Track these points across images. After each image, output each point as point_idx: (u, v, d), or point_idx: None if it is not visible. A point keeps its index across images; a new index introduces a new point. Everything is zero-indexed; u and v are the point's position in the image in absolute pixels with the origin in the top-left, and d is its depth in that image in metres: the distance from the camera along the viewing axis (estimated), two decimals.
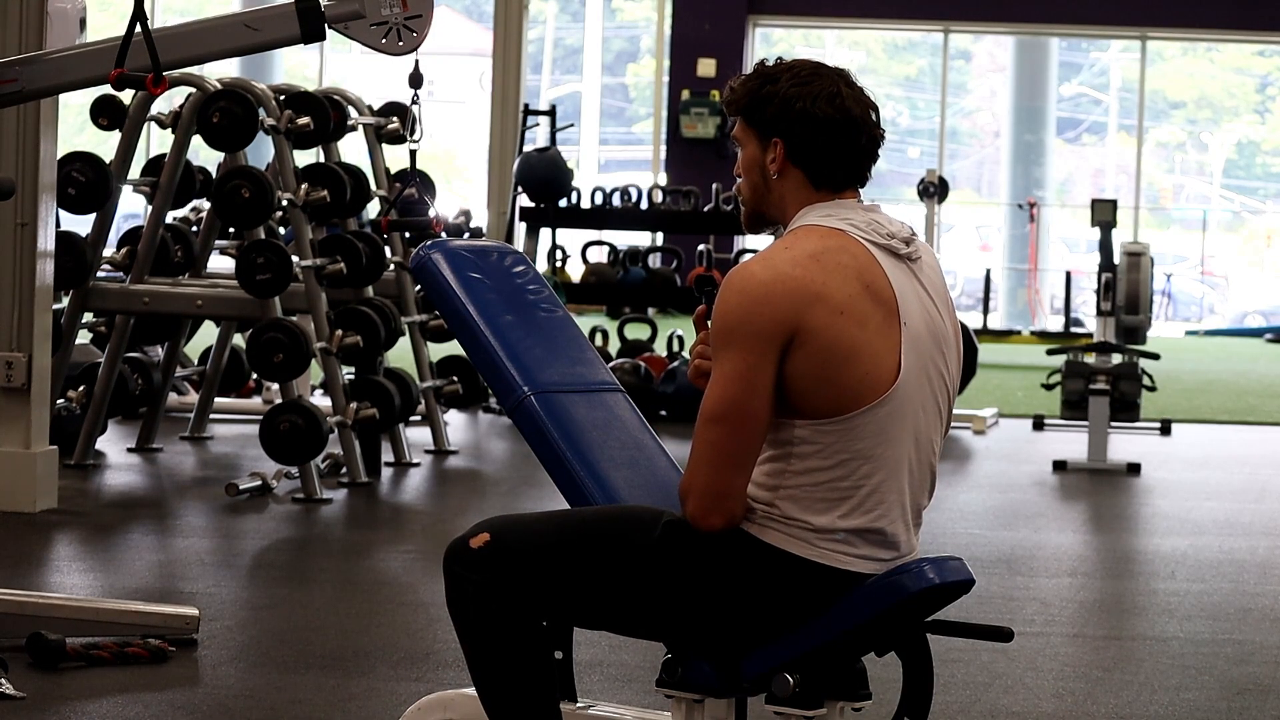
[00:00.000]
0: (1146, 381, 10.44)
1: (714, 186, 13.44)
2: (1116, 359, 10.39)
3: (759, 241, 14.24)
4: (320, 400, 10.00)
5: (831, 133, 3.41)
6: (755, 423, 3.32)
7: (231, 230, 9.45)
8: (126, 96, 8.80)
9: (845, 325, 3.32)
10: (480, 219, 14.18)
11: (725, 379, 3.32)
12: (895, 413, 3.35)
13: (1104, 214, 10.84)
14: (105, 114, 9.24)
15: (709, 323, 3.56)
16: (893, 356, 3.35)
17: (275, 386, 10.38)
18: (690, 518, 3.36)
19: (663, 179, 22.82)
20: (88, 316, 9.07)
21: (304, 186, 8.76)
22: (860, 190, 3.49)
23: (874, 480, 3.36)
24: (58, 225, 8.14)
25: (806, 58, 3.49)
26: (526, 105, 14.33)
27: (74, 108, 17.67)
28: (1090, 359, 10.41)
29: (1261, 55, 28.68)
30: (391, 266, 9.63)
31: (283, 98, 8.87)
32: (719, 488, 3.34)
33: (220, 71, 13.80)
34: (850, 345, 3.32)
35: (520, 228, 13.23)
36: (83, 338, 9.33)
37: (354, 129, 9.58)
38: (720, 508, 3.35)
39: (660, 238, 18.73)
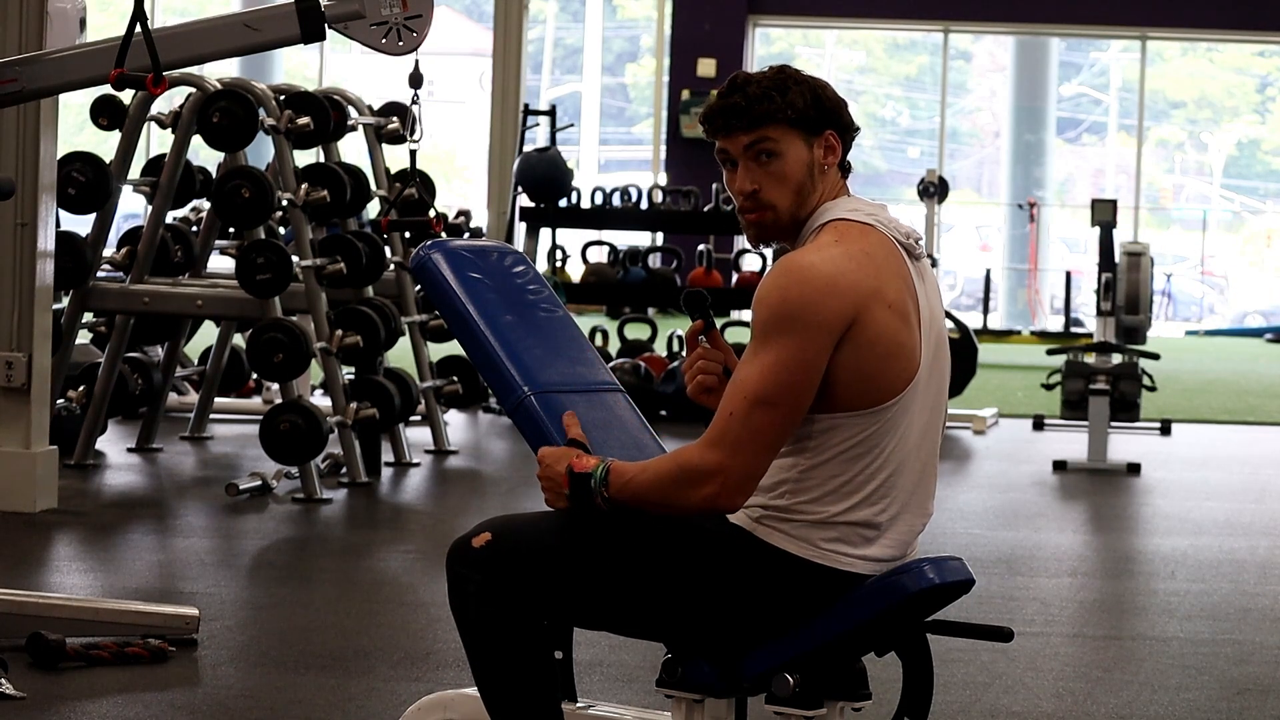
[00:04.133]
0: (1146, 381, 10.44)
1: (714, 186, 13.44)
2: (1116, 359, 10.39)
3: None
4: (320, 400, 10.00)
5: (849, 114, 3.48)
6: (801, 410, 3.32)
7: (231, 230, 9.45)
8: (126, 96, 8.80)
9: (894, 321, 3.34)
10: (480, 219, 14.18)
11: (781, 364, 3.30)
12: (908, 407, 3.37)
13: (1104, 214, 10.84)
14: (105, 114, 9.24)
15: (705, 334, 3.56)
16: (918, 353, 3.38)
17: (275, 386, 10.38)
18: (712, 499, 3.33)
19: (663, 179, 22.82)
20: (88, 316, 9.08)
21: (304, 186, 8.76)
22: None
23: (884, 474, 3.37)
24: (58, 225, 8.14)
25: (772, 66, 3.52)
26: (526, 105, 14.33)
27: (74, 108, 17.67)
28: (1090, 359, 10.41)
29: (1261, 55, 28.69)
30: (391, 266, 9.63)
31: (283, 98, 8.88)
32: (754, 470, 3.33)
33: (220, 71, 13.81)
34: (894, 340, 3.34)
35: (520, 228, 13.23)
36: (83, 338, 9.33)
37: (354, 129, 9.59)
38: (747, 489, 3.34)
39: (660, 238, 18.74)
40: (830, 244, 3.37)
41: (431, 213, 9.33)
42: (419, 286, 7.73)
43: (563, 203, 13.04)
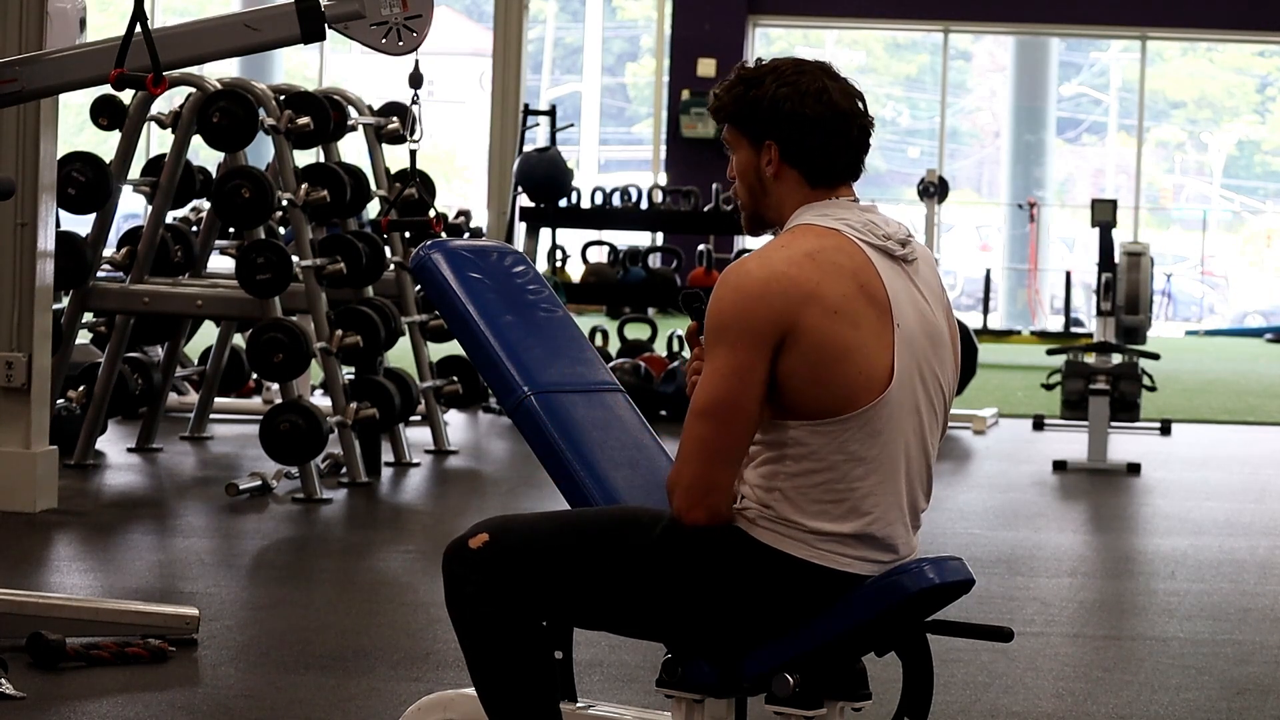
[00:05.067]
0: (1146, 381, 10.44)
1: (714, 186, 13.44)
2: (1116, 359, 10.39)
3: (759, 241, 14.24)
4: (320, 400, 10.00)
5: (823, 129, 3.41)
6: (744, 419, 3.32)
7: (231, 230, 9.45)
8: (126, 96, 8.80)
9: (838, 325, 3.32)
10: (480, 219, 14.18)
11: (717, 375, 3.32)
12: (889, 415, 3.35)
13: (1104, 214, 10.84)
14: (105, 114, 9.24)
15: (702, 333, 3.56)
16: (886, 357, 3.35)
17: (275, 386, 10.38)
18: (676, 511, 3.37)
19: (663, 179, 22.81)
20: (88, 316, 9.07)
21: (304, 186, 8.76)
22: (854, 184, 3.48)
23: (868, 483, 3.36)
24: (58, 225, 8.14)
25: (787, 56, 3.49)
26: (526, 105, 14.34)
27: (74, 108, 17.67)
28: (1090, 359, 10.41)
29: (1261, 55, 28.69)
30: (391, 266, 9.63)
31: (283, 98, 8.87)
32: (705, 482, 3.34)
33: (220, 71, 13.80)
34: (843, 345, 3.32)
35: (520, 228, 13.23)
36: (83, 338, 9.33)
37: (354, 129, 9.59)
38: (704, 503, 3.35)
39: (660, 238, 18.73)
40: (777, 248, 3.37)
41: (431, 213, 9.33)
42: (419, 286, 7.72)
43: (563, 203, 13.04)
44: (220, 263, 9.94)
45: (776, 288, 3.31)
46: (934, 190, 13.91)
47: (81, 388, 9.05)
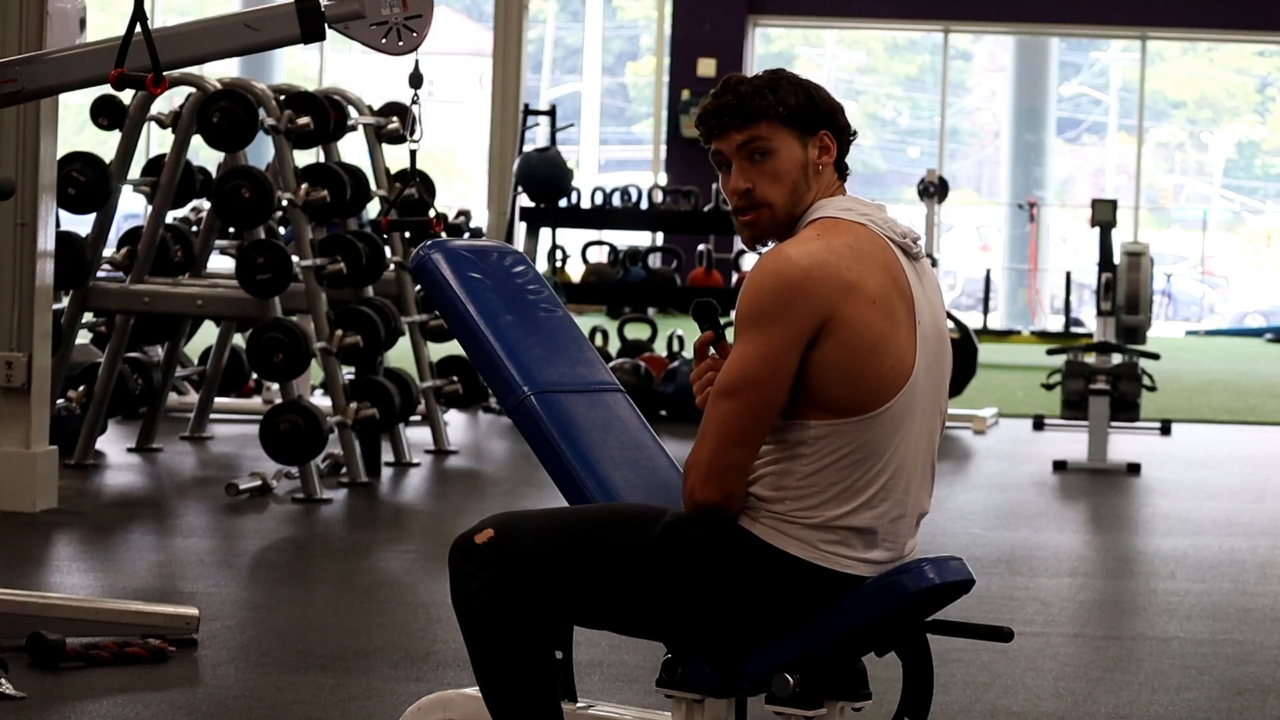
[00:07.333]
0: (1146, 381, 10.44)
1: (714, 186, 13.42)
2: (1116, 359, 10.39)
3: None
4: (320, 400, 10.00)
5: (845, 117, 3.48)
6: (769, 403, 3.32)
7: (231, 230, 9.45)
8: (126, 96, 8.80)
9: (876, 317, 3.33)
10: (480, 219, 14.18)
11: (748, 356, 3.31)
12: (907, 410, 3.37)
13: (1104, 214, 10.84)
14: (105, 114, 9.24)
15: (714, 344, 3.54)
16: (911, 353, 3.37)
17: (275, 386, 10.38)
18: (688, 491, 3.36)
19: (663, 179, 22.81)
20: (88, 316, 9.07)
21: (304, 186, 8.76)
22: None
23: (883, 478, 3.37)
24: (58, 225, 8.14)
25: (763, 71, 3.51)
26: (526, 105, 14.33)
27: (74, 108, 17.67)
28: (1090, 359, 10.41)
29: (1261, 55, 28.69)
30: (391, 266, 9.63)
31: (283, 98, 8.88)
32: (722, 462, 3.34)
33: (220, 71, 13.80)
34: (879, 337, 3.33)
35: (520, 228, 13.23)
36: (83, 338, 9.33)
37: (354, 129, 9.59)
38: (720, 482, 3.34)
39: (660, 238, 18.73)
40: (812, 238, 3.37)
41: (431, 213, 9.33)
42: (419, 286, 7.73)
43: (563, 203, 13.03)
44: (220, 263, 9.94)
45: (819, 275, 3.31)
46: (934, 190, 13.91)
47: (81, 388, 9.05)
